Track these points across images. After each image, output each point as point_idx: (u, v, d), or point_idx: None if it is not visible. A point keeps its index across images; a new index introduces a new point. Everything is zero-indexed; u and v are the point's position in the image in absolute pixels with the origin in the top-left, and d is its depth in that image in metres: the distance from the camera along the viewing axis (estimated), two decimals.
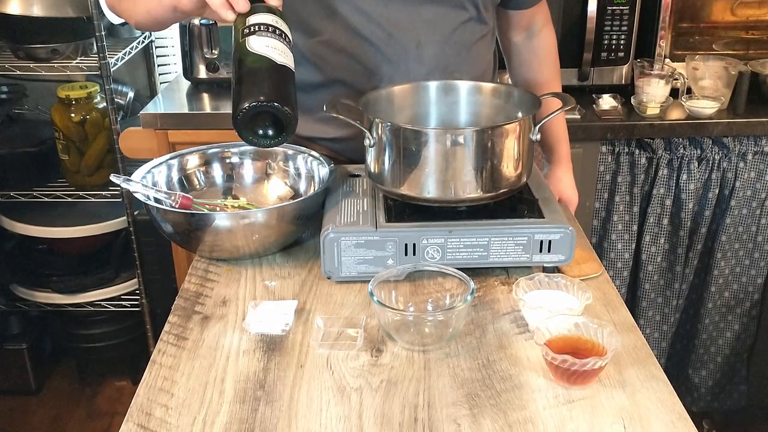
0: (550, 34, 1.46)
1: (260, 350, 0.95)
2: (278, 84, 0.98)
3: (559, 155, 1.49)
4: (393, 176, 1.08)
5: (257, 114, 0.96)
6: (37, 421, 2.37)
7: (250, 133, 0.99)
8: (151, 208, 1.12)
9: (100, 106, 2.21)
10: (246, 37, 1.00)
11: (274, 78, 0.98)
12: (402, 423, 0.82)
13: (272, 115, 0.97)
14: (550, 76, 1.46)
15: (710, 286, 2.12)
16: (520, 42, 1.45)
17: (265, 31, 1.01)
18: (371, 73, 1.28)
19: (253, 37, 1.00)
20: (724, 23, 2.21)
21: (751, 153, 1.99)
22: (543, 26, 1.44)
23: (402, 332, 0.95)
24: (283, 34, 1.03)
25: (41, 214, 2.27)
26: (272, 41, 1.01)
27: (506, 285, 1.08)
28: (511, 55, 1.48)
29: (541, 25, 1.44)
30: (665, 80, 1.98)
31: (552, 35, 1.46)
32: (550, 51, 1.46)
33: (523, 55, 1.46)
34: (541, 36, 1.44)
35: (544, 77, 1.46)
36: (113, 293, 2.34)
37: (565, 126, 1.49)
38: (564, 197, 1.48)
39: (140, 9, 1.19)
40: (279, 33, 1.02)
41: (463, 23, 1.30)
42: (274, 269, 1.14)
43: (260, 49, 0.99)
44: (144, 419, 0.84)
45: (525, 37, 1.45)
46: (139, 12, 1.19)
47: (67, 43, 2.10)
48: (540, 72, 1.46)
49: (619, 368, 0.91)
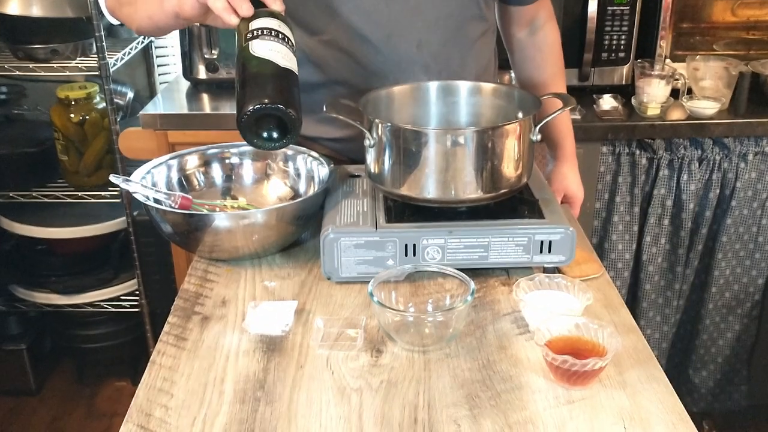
0: (553, 30, 1.45)
1: (260, 351, 0.95)
2: (282, 87, 0.98)
3: (564, 152, 1.48)
4: (393, 177, 1.08)
5: (261, 117, 0.96)
6: (37, 422, 2.36)
7: (255, 136, 0.99)
8: (150, 209, 1.11)
9: (99, 106, 2.21)
10: (249, 42, 1.00)
11: (278, 81, 0.98)
12: (402, 423, 0.82)
13: (276, 118, 0.97)
14: (554, 72, 1.46)
15: (711, 286, 2.12)
16: (523, 38, 1.45)
17: (268, 35, 1.01)
18: (372, 73, 1.28)
19: (256, 41, 1.00)
20: (724, 23, 2.20)
21: (752, 153, 1.98)
22: (546, 22, 1.43)
23: (402, 333, 0.95)
24: (286, 38, 1.03)
25: (40, 214, 2.27)
26: (276, 45, 1.00)
27: (506, 285, 1.08)
28: (515, 51, 1.47)
29: (544, 21, 1.43)
30: (666, 81, 1.98)
31: (556, 31, 1.45)
32: (554, 47, 1.45)
33: (527, 51, 1.45)
34: (544, 31, 1.43)
35: (548, 73, 1.45)
36: (112, 294, 2.34)
37: (570, 123, 1.48)
38: (569, 193, 1.47)
39: (142, 14, 1.17)
40: (282, 37, 1.02)
41: (463, 21, 1.30)
42: (273, 270, 1.13)
43: (264, 53, 0.99)
44: (144, 420, 0.84)
45: (528, 33, 1.44)
46: (141, 17, 1.18)
47: (67, 43, 2.10)
48: (544, 68, 1.46)
49: (620, 369, 0.91)
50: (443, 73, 1.30)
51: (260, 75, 0.98)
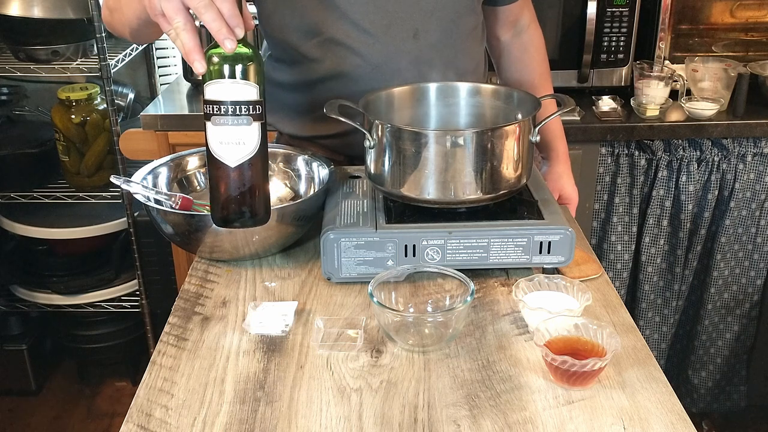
0: (537, 31, 1.47)
1: (260, 351, 0.95)
2: (232, 200, 0.95)
3: (556, 152, 1.49)
4: (393, 177, 1.08)
5: None
6: (37, 422, 2.37)
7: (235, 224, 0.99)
8: (151, 210, 1.12)
9: (100, 107, 2.21)
10: (206, 122, 0.94)
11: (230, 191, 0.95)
12: (402, 423, 0.83)
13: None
14: (541, 72, 1.47)
15: (710, 287, 2.12)
16: (509, 39, 1.47)
17: (218, 114, 0.92)
18: (370, 65, 1.28)
19: (209, 124, 0.94)
20: (723, 25, 2.21)
21: (751, 154, 1.99)
22: (530, 23, 1.46)
23: (402, 333, 0.95)
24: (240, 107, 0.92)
25: (42, 215, 2.28)
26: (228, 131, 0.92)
27: (506, 286, 1.08)
28: (501, 55, 1.49)
29: (528, 22, 1.46)
30: (665, 82, 1.98)
31: (539, 32, 1.48)
32: (540, 47, 1.47)
33: (514, 52, 1.47)
34: (529, 33, 1.46)
35: (537, 72, 1.47)
36: (113, 294, 2.35)
37: (560, 123, 1.49)
38: (564, 194, 1.48)
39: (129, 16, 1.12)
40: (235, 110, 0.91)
41: (458, 13, 1.31)
42: (274, 270, 1.14)
43: (215, 148, 0.94)
44: (144, 420, 0.84)
45: (513, 34, 1.46)
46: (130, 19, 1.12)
47: (68, 44, 2.10)
48: (532, 67, 1.47)
49: (619, 369, 0.91)
50: (439, 63, 1.30)
51: (215, 182, 0.95)
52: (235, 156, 0.93)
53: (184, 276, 1.15)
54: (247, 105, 0.92)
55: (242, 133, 0.93)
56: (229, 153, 0.93)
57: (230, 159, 0.93)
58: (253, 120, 0.93)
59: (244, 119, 0.92)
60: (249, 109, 0.92)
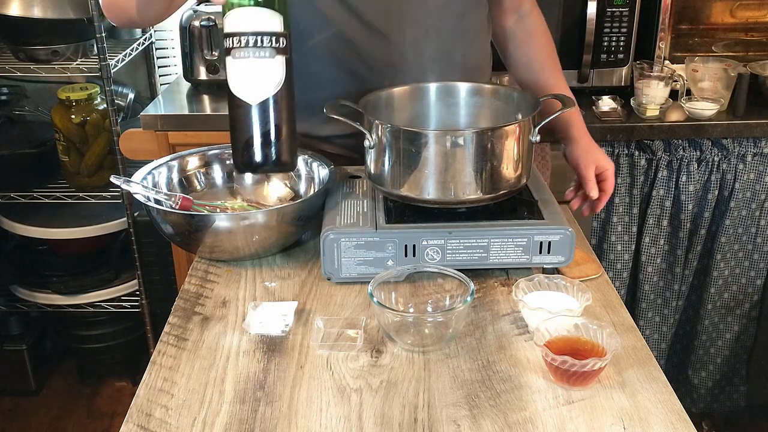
0: (540, 16, 1.48)
1: (260, 351, 0.95)
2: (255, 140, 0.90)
3: (576, 127, 1.42)
4: (393, 178, 1.08)
5: None
6: (37, 422, 2.37)
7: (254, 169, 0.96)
8: (151, 210, 1.12)
9: (100, 107, 2.21)
10: (226, 57, 0.88)
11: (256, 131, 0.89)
12: (402, 423, 0.83)
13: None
14: (548, 52, 1.47)
15: (710, 287, 2.12)
16: (513, 25, 1.47)
17: (238, 46, 0.87)
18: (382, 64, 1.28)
19: (229, 59, 0.88)
20: (723, 25, 2.21)
21: (751, 154, 1.99)
22: (532, 9, 1.47)
23: (402, 333, 0.95)
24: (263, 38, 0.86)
25: (41, 215, 2.28)
26: (250, 64, 0.87)
27: (506, 286, 1.08)
28: (507, 41, 1.49)
29: (530, 8, 1.47)
30: (665, 82, 1.98)
31: (542, 17, 1.48)
32: (544, 31, 1.48)
33: (519, 37, 1.48)
34: (532, 18, 1.47)
35: (543, 54, 1.47)
36: (113, 294, 2.35)
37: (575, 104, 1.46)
38: (600, 165, 1.38)
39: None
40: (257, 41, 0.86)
41: (467, 8, 1.32)
42: (274, 270, 1.14)
43: (237, 84, 0.88)
44: (144, 420, 0.84)
45: (516, 20, 1.47)
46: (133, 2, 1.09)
47: (68, 44, 2.10)
48: (537, 49, 1.47)
49: (619, 369, 0.91)
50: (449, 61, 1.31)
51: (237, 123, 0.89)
52: (258, 93, 0.87)
53: (184, 276, 1.15)
54: (269, 36, 0.86)
55: (265, 67, 0.86)
56: (250, 89, 0.87)
57: (252, 96, 0.87)
58: (276, 53, 0.86)
59: (267, 51, 0.86)
60: (272, 41, 0.86)
